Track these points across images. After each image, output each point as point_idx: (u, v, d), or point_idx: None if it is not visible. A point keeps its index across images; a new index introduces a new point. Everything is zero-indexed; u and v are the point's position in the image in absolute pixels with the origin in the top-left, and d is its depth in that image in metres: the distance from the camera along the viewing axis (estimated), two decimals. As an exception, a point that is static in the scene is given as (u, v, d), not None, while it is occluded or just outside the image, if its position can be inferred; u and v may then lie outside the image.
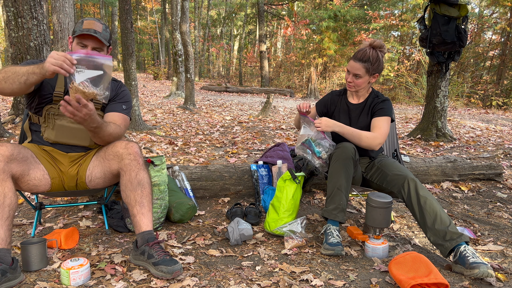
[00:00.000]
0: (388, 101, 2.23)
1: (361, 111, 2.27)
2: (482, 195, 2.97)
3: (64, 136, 1.97)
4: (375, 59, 2.10)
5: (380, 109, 2.19)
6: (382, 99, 2.23)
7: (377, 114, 2.19)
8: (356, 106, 2.29)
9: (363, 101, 2.29)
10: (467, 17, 4.46)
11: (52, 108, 1.94)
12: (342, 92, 2.38)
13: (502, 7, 13.09)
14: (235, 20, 27.44)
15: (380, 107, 2.20)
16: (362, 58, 2.11)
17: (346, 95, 2.35)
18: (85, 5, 28.07)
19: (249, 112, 8.71)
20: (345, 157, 2.04)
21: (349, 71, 2.17)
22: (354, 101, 2.31)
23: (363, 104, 2.28)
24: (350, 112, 2.30)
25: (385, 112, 2.18)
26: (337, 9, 15.18)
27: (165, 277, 1.63)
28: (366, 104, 2.27)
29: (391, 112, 2.21)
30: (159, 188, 2.22)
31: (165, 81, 19.57)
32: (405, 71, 13.98)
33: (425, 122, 5.13)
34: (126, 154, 1.84)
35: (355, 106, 2.29)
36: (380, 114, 2.18)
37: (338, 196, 2.02)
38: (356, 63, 2.13)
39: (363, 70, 2.12)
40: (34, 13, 4.55)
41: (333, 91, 2.42)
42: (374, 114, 2.21)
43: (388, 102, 2.22)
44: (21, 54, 4.61)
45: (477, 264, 1.66)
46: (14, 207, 1.65)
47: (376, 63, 2.11)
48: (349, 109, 2.30)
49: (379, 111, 2.20)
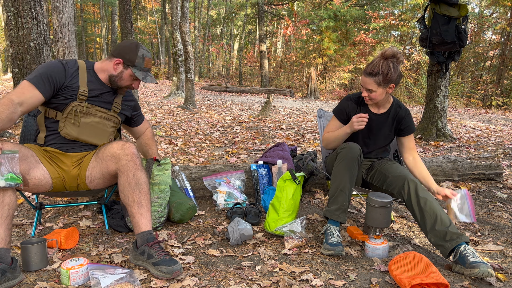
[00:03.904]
0: (410, 113, 2.25)
1: (384, 122, 2.24)
2: (482, 195, 2.97)
3: (86, 133, 2.00)
4: (386, 70, 2.02)
5: (407, 127, 2.23)
6: (406, 112, 2.23)
7: (406, 132, 2.24)
8: (378, 116, 2.24)
9: (385, 111, 2.24)
10: (467, 17, 4.45)
11: (79, 106, 1.95)
12: (360, 98, 2.27)
13: (502, 7, 13.09)
14: (235, 20, 27.44)
15: (407, 123, 2.22)
16: (371, 72, 2.04)
17: (366, 105, 2.26)
18: (85, 5, 28.08)
19: (249, 112, 8.71)
20: (350, 158, 2.03)
21: (362, 86, 2.13)
22: (375, 111, 2.25)
23: (386, 115, 2.23)
24: (371, 122, 2.22)
25: (412, 129, 2.24)
26: (337, 9, 15.17)
27: (165, 277, 1.63)
28: (389, 116, 2.23)
29: (414, 125, 2.25)
30: (159, 188, 2.22)
31: (165, 81, 19.57)
32: (405, 71, 13.98)
33: (425, 122, 5.13)
34: (123, 155, 1.85)
35: (377, 116, 2.24)
36: (408, 132, 2.24)
37: (341, 197, 2.01)
38: (367, 78, 2.07)
39: (374, 84, 2.05)
40: (34, 13, 4.55)
41: (349, 96, 2.32)
42: (403, 132, 2.24)
43: (410, 114, 2.25)
44: (21, 54, 4.61)
45: (477, 264, 1.67)
46: (14, 206, 1.65)
47: (388, 74, 2.02)
48: (371, 119, 2.22)
49: (407, 129, 2.23)
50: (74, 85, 1.95)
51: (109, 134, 2.10)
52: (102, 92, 2.04)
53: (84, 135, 2.00)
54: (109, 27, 27.98)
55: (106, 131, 2.07)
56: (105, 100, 2.06)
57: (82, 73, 1.99)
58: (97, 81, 2.03)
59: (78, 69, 1.99)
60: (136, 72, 2.00)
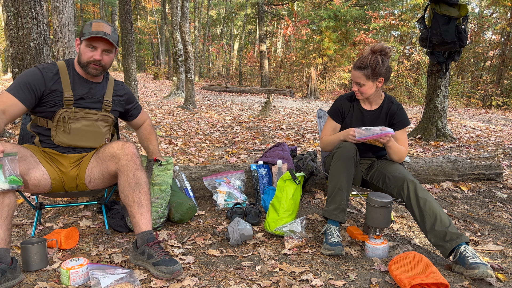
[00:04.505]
0: (402, 108, 2.26)
1: (377, 118, 2.25)
2: (482, 195, 2.97)
3: (78, 139, 1.97)
4: (374, 64, 2.07)
5: (400, 121, 2.23)
6: (398, 107, 2.24)
7: (398, 126, 2.23)
8: (371, 113, 2.26)
9: (377, 107, 2.26)
10: (467, 17, 4.45)
11: (66, 112, 1.91)
12: (353, 96, 2.31)
13: (502, 7, 13.09)
14: (235, 20, 27.44)
15: (399, 118, 2.23)
16: (360, 66, 2.10)
17: (359, 101, 2.30)
18: (85, 5, 28.07)
19: (249, 112, 8.71)
20: (346, 157, 2.04)
21: (353, 81, 2.17)
22: (368, 108, 2.28)
23: (379, 111, 2.26)
24: (364, 118, 2.26)
25: (404, 124, 2.23)
26: (337, 9, 15.17)
27: (165, 277, 1.63)
28: (382, 112, 2.25)
29: (407, 120, 2.25)
30: (160, 188, 2.22)
31: (165, 81, 19.57)
32: (405, 71, 13.98)
33: (425, 122, 5.13)
34: (123, 155, 1.84)
35: (370, 112, 2.27)
36: (401, 126, 2.23)
37: (339, 196, 2.01)
38: (356, 72, 2.13)
39: (363, 77, 2.11)
40: (34, 13, 4.55)
41: (341, 96, 2.36)
42: (394, 126, 2.23)
43: (403, 109, 2.26)
44: (21, 54, 4.61)
45: (477, 265, 1.67)
46: (13, 206, 1.65)
47: (376, 67, 2.08)
48: (363, 115, 2.26)
49: (399, 123, 2.23)
50: (58, 91, 1.90)
51: (104, 134, 2.06)
52: (88, 91, 1.97)
53: (77, 141, 1.97)
54: (110, 27, 27.92)
55: (99, 132, 2.03)
56: (94, 99, 2.00)
57: (63, 76, 1.93)
58: (80, 78, 1.97)
59: (58, 72, 1.93)
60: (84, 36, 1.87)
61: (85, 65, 1.92)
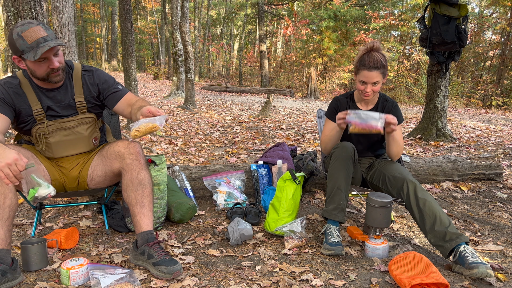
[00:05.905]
0: (397, 105, 2.27)
1: None
2: (482, 195, 2.97)
3: (62, 151, 1.92)
4: (385, 61, 2.10)
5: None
6: (393, 104, 2.26)
7: None
8: None
9: (373, 106, 2.27)
10: (467, 17, 4.45)
11: (40, 129, 1.84)
12: (348, 96, 2.33)
13: (502, 7, 13.09)
14: (235, 20, 27.42)
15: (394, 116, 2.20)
16: (376, 66, 2.06)
17: (354, 102, 2.31)
18: (85, 5, 28.10)
19: (249, 112, 8.71)
20: (344, 157, 2.04)
21: (366, 82, 2.10)
22: (364, 108, 2.28)
23: (374, 110, 2.26)
24: None
25: (399, 121, 2.23)
26: (337, 9, 15.16)
27: (165, 277, 1.63)
28: (377, 110, 2.25)
29: (402, 117, 2.25)
30: (159, 188, 2.22)
31: (165, 81, 19.57)
32: (405, 71, 13.98)
33: (425, 122, 5.13)
34: (128, 154, 1.84)
35: None
36: None
37: (338, 196, 2.02)
38: (373, 72, 2.07)
39: (380, 76, 2.09)
40: (34, 13, 4.55)
41: (337, 97, 2.37)
42: None
43: (398, 106, 2.27)
44: (21, 54, 4.61)
45: (476, 264, 1.67)
46: (14, 207, 1.65)
47: (387, 64, 2.11)
48: None
49: None
50: (26, 106, 1.79)
51: (88, 137, 1.96)
52: (55, 96, 1.84)
53: (61, 153, 1.91)
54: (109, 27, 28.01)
55: (82, 137, 1.94)
56: (65, 104, 1.87)
57: (26, 89, 1.80)
58: (41, 89, 1.83)
59: (20, 85, 1.80)
60: (28, 56, 1.65)
61: (45, 78, 1.77)
